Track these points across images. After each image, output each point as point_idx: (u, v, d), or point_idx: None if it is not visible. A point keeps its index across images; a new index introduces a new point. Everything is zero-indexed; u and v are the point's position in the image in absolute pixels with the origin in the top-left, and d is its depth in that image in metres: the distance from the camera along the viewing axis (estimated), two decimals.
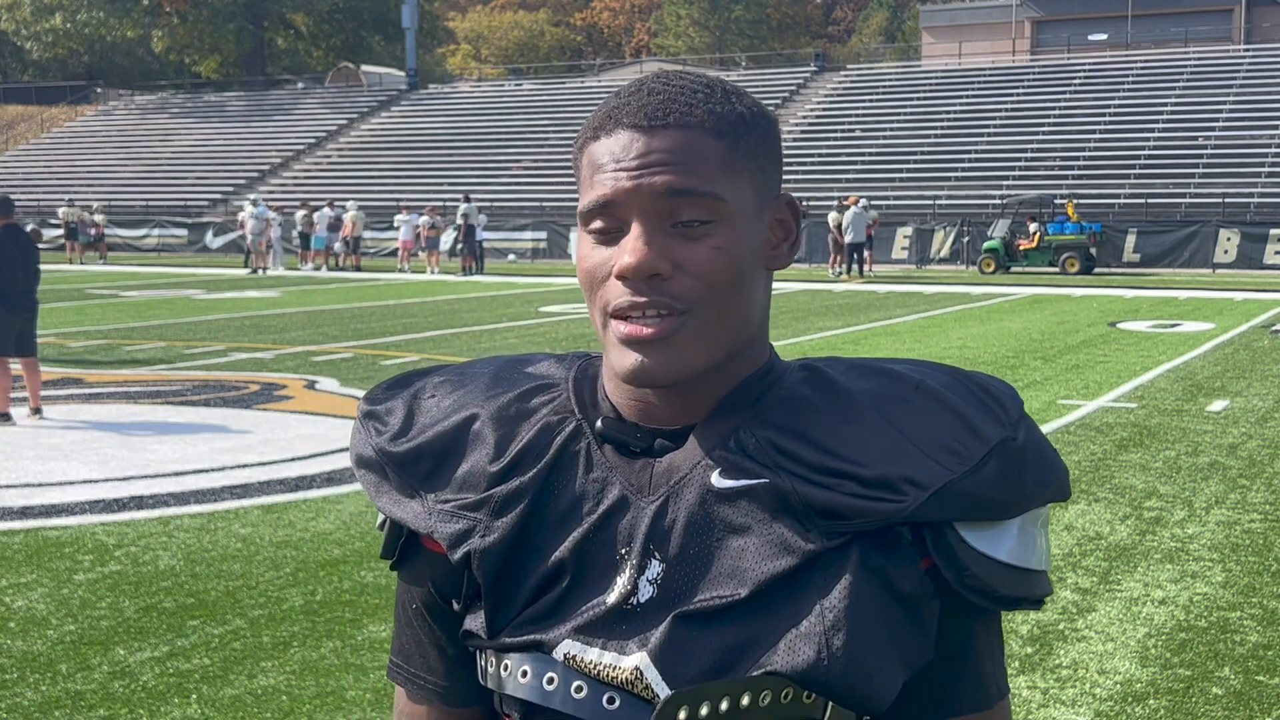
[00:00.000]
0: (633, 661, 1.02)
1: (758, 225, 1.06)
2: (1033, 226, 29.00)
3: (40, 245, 11.07)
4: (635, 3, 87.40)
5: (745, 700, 0.98)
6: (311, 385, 11.93)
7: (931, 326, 17.27)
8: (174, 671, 4.67)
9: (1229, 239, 29.03)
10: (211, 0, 60.36)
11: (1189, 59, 41.20)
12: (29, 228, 11.71)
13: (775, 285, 21.93)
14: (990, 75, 42.85)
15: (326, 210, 33.02)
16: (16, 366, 10.12)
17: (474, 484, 1.08)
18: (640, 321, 1.02)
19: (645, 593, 1.03)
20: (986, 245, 29.26)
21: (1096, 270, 28.69)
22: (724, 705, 0.98)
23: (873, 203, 31.18)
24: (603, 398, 1.10)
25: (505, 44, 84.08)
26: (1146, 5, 50.73)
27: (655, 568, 1.03)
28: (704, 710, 0.98)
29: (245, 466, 8.31)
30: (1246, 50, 41.83)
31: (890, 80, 44.74)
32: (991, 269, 28.81)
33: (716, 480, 1.03)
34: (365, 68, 57.64)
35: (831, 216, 28.98)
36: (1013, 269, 29.06)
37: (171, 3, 59.89)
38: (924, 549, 1.02)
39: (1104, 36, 50.76)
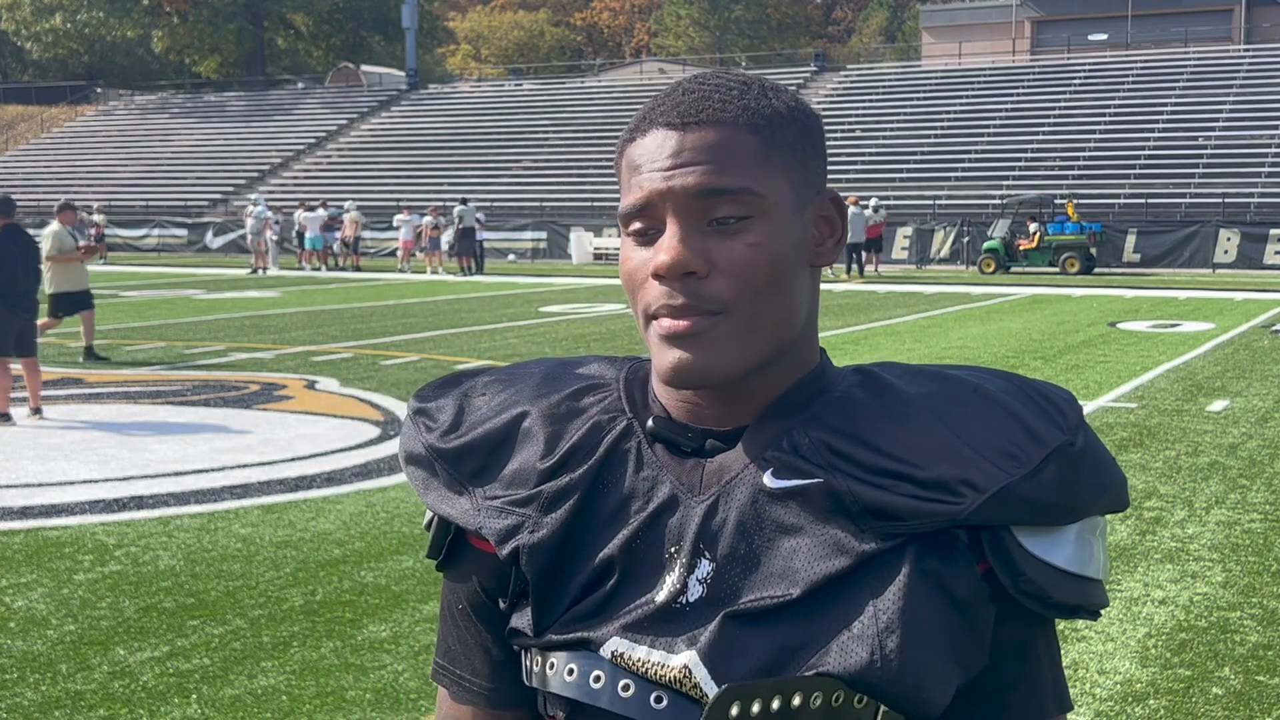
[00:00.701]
0: (681, 660, 1.01)
1: (798, 221, 1.05)
2: (1033, 226, 29.00)
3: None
4: (635, 3, 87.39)
5: (796, 701, 0.97)
6: (311, 385, 11.93)
7: (931, 326, 17.27)
8: (174, 671, 4.67)
9: (1229, 239, 29.03)
10: (211, 0, 60.36)
11: (1189, 59, 41.20)
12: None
13: None
14: (990, 75, 42.85)
15: (321, 211, 33.03)
16: (17, 367, 10.12)
17: (523, 480, 1.08)
18: (677, 319, 1.01)
19: (694, 592, 1.03)
20: (986, 245, 29.26)
21: (1096, 270, 28.70)
22: (775, 704, 0.97)
23: (860, 202, 31.17)
24: (653, 399, 1.10)
25: (505, 44, 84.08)
26: (1146, 5, 50.74)
27: (705, 567, 1.03)
28: (755, 708, 0.97)
29: (245, 466, 8.31)
30: (1246, 50, 41.82)
31: (890, 80, 44.74)
32: (991, 269, 28.81)
33: (769, 480, 1.02)
34: (365, 68, 57.63)
35: (851, 213, 29.05)
36: (1013, 269, 29.06)
37: (171, 3, 59.88)
38: (980, 553, 1.00)
39: (1104, 36, 50.76)
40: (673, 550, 1.04)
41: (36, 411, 10.03)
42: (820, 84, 45.53)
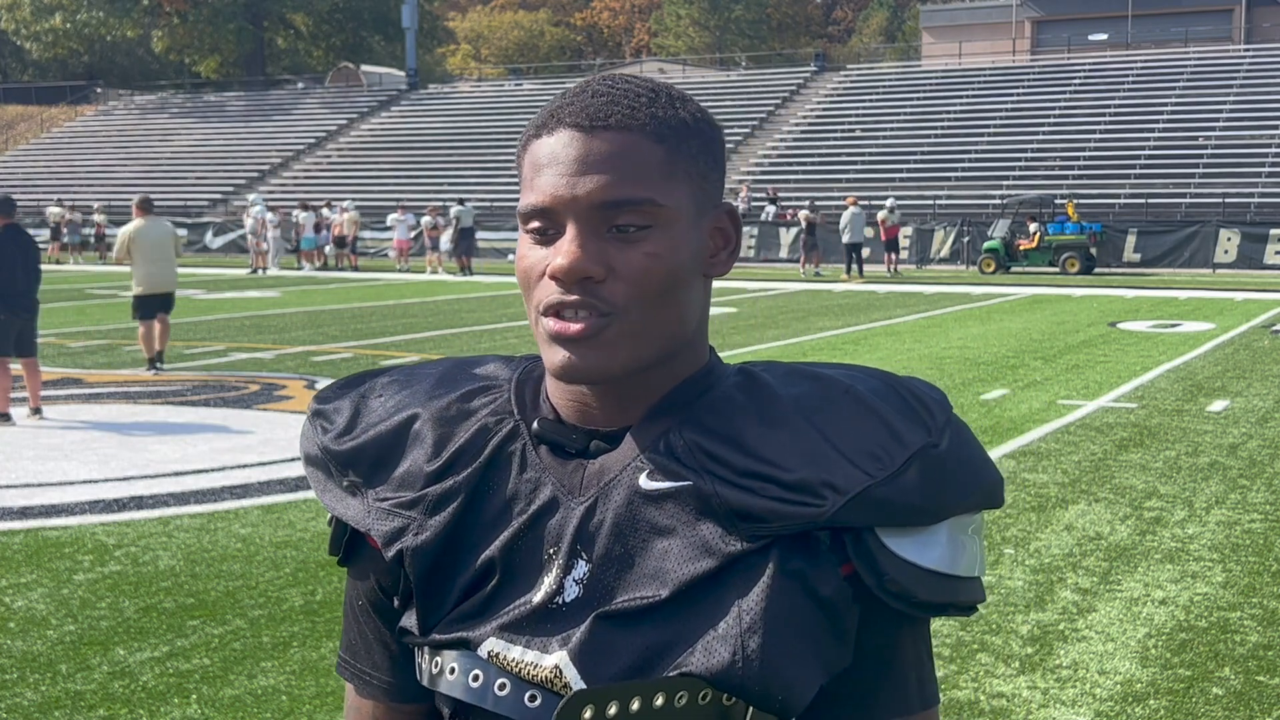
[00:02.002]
0: (553, 660, 1.02)
1: (696, 232, 1.06)
2: (1033, 226, 29.00)
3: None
4: (635, 3, 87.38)
5: (659, 701, 0.98)
6: (311, 385, 11.93)
7: (931, 326, 17.27)
8: (174, 671, 4.67)
9: (1229, 239, 29.02)
10: (211, 0, 60.35)
11: (1189, 59, 41.19)
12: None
13: (779, 285, 21.79)
14: (990, 75, 42.84)
15: (317, 211, 33.06)
16: (16, 367, 10.12)
17: (411, 483, 1.10)
18: (569, 319, 1.03)
19: (571, 592, 1.04)
20: (986, 245, 29.25)
21: (1097, 270, 28.69)
22: (635, 705, 0.98)
23: (872, 203, 31.17)
24: (544, 399, 1.12)
25: (505, 44, 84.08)
26: (1146, 5, 50.73)
27: (581, 568, 1.04)
28: (612, 709, 0.98)
29: (245, 466, 8.31)
30: (1246, 50, 41.82)
31: (890, 80, 44.73)
32: (991, 269, 28.81)
33: (644, 482, 1.04)
34: (365, 68, 57.64)
35: (881, 215, 29.08)
36: (1013, 269, 29.05)
37: (171, 3, 59.87)
38: (844, 554, 1.01)
39: (1104, 36, 50.75)
40: (551, 551, 1.06)
41: (36, 411, 10.02)
42: (820, 84, 45.52)
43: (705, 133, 1.08)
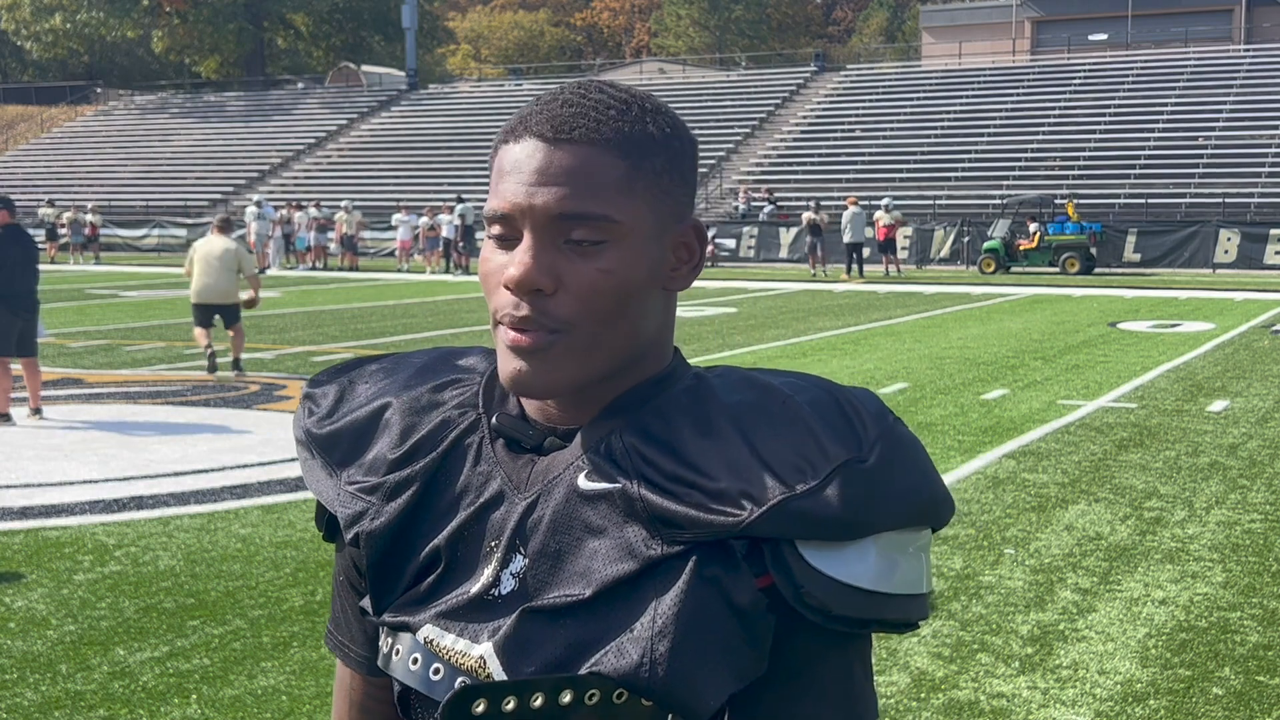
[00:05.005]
0: (479, 651, 1.05)
1: (655, 247, 1.06)
2: (1033, 226, 29.00)
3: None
4: (635, 3, 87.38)
5: (566, 698, 0.99)
6: None
7: (931, 326, 17.27)
8: (174, 671, 4.67)
9: (1229, 239, 29.02)
10: (211, 0, 60.35)
11: (1189, 59, 41.19)
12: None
13: (779, 285, 21.77)
14: (990, 75, 42.84)
15: (311, 211, 33.06)
16: (17, 367, 10.12)
17: (375, 469, 1.13)
18: (519, 331, 1.04)
19: (507, 585, 1.06)
20: (986, 245, 29.25)
21: (1096, 270, 28.69)
22: (537, 701, 0.99)
23: (872, 203, 31.17)
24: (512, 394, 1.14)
25: (505, 44, 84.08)
26: (1146, 5, 50.72)
27: (519, 562, 1.06)
28: (509, 705, 0.99)
29: (245, 466, 8.31)
30: (1246, 50, 41.81)
31: (890, 80, 44.73)
32: (991, 269, 28.81)
33: (582, 482, 1.05)
34: (365, 68, 57.63)
35: (877, 215, 29.08)
36: (1013, 269, 29.05)
37: (171, 3, 59.86)
38: (763, 565, 1.01)
39: (1104, 36, 50.75)
40: (493, 544, 1.08)
41: (36, 412, 10.02)
42: (820, 84, 45.52)
43: (673, 147, 1.08)
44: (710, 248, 24.64)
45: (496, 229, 1.06)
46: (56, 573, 5.94)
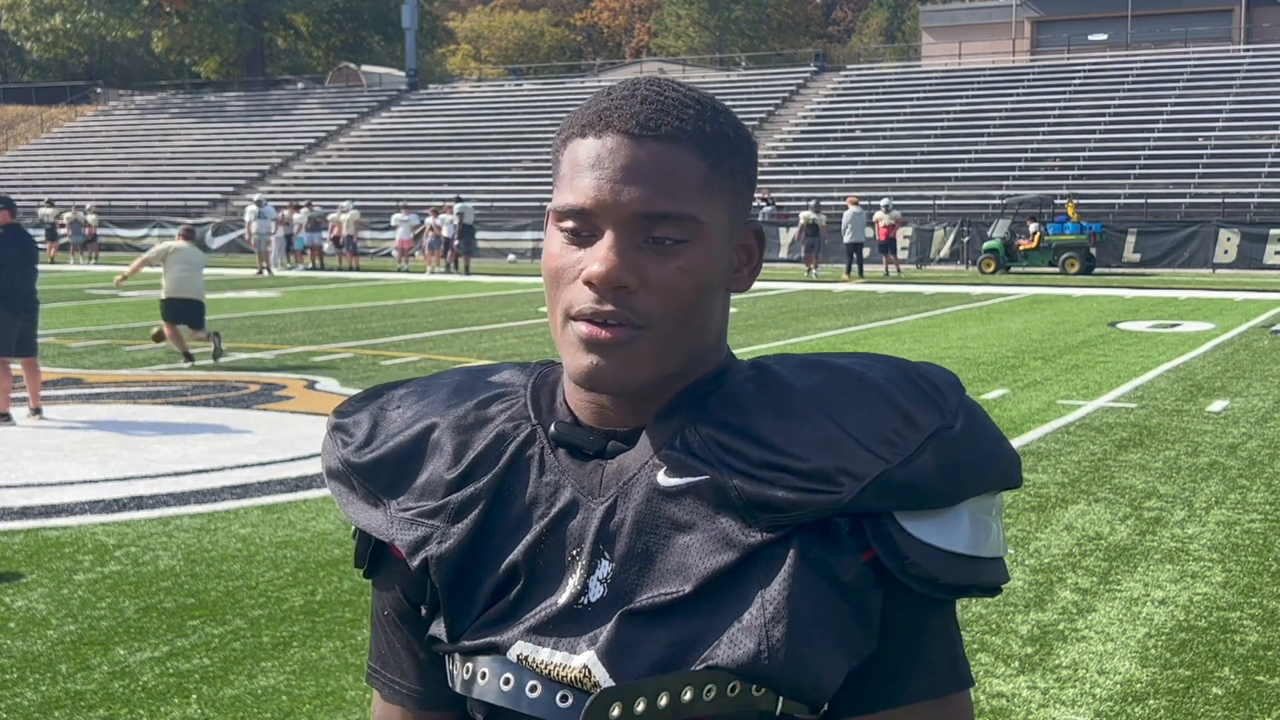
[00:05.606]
0: (581, 660, 1.03)
1: (726, 248, 1.08)
2: (1033, 226, 29.00)
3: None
4: (635, 3, 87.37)
5: (687, 695, 0.99)
6: (311, 385, 11.93)
7: (931, 326, 17.27)
8: (174, 671, 4.67)
9: (1229, 239, 29.02)
10: (211, 0, 60.34)
11: (1189, 59, 41.18)
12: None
13: (779, 285, 21.78)
14: (990, 75, 42.84)
15: (305, 211, 33.09)
16: (17, 367, 10.12)
17: (432, 491, 1.11)
18: (600, 325, 1.03)
19: (595, 592, 1.05)
20: (986, 245, 29.25)
21: (1096, 270, 28.69)
22: (662, 701, 0.99)
23: (872, 203, 31.16)
24: (561, 402, 1.12)
25: (505, 44, 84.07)
26: (1146, 5, 50.71)
27: (605, 567, 1.05)
28: (640, 706, 0.99)
29: (245, 466, 8.31)
30: (1246, 50, 41.81)
31: (890, 80, 44.73)
32: (991, 269, 28.81)
33: (662, 479, 1.05)
34: (365, 68, 57.62)
35: (877, 215, 29.08)
36: (1013, 269, 29.05)
37: (171, 3, 59.85)
38: (865, 540, 1.02)
39: (1104, 36, 50.74)
40: (574, 553, 1.07)
41: (36, 412, 10.02)
42: (820, 84, 45.52)
43: (745, 150, 1.09)
44: None
45: (570, 224, 1.06)
46: (56, 572, 5.94)
